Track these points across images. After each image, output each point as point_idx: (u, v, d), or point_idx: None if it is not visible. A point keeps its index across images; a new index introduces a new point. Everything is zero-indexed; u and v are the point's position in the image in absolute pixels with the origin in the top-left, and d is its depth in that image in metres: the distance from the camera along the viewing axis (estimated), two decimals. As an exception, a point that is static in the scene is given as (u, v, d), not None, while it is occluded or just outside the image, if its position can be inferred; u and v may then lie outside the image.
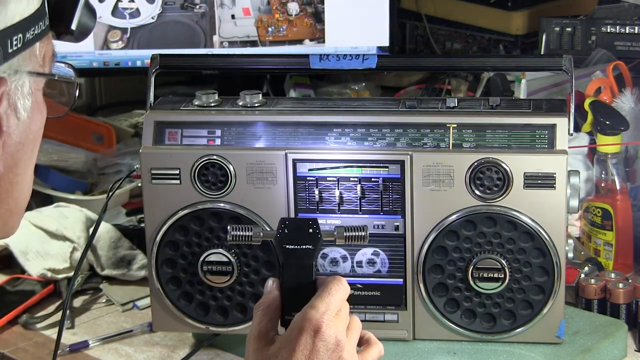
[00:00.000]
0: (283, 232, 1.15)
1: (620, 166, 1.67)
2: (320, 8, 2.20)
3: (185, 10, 2.20)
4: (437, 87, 2.32)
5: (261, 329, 1.13)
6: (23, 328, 1.65)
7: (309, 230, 1.15)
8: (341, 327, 1.11)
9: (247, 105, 1.48)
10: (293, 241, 1.14)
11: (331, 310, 1.10)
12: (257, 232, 1.22)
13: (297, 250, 1.14)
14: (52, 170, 2.07)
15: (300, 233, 1.15)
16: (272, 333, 1.13)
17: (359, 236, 1.22)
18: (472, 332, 1.44)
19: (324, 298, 1.11)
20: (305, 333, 1.08)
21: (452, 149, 1.41)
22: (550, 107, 1.43)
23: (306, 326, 1.09)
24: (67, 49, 2.20)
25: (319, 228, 1.15)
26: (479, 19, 2.34)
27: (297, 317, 1.10)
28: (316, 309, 1.10)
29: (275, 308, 1.14)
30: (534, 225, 1.39)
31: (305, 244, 1.14)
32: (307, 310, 1.10)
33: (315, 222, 1.16)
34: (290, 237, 1.15)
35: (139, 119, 2.31)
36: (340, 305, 1.12)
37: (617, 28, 2.02)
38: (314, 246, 1.14)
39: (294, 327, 1.10)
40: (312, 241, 1.14)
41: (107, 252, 1.76)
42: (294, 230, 1.15)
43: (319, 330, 1.08)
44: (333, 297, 1.11)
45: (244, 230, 1.22)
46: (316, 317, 1.09)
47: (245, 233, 1.22)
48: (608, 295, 1.55)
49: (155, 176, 1.45)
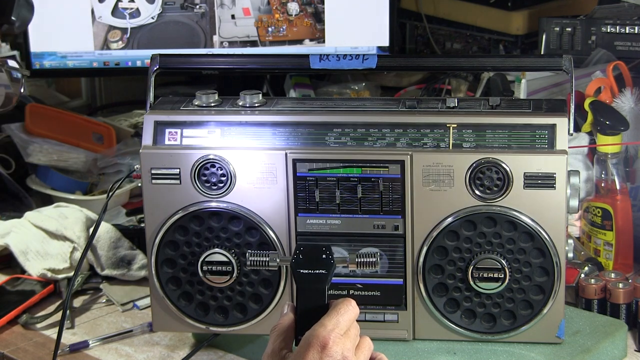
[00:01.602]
0: (298, 257, 1.20)
1: (620, 166, 1.67)
2: (320, 8, 2.20)
3: (185, 10, 2.20)
4: (437, 87, 2.33)
5: (275, 348, 1.17)
6: (23, 328, 1.65)
7: (323, 256, 1.20)
8: (348, 345, 1.15)
9: (247, 105, 1.48)
10: (307, 266, 1.20)
11: (339, 328, 1.14)
12: (273, 257, 1.27)
13: (310, 275, 1.20)
14: (52, 170, 2.07)
15: (314, 258, 1.20)
16: (284, 351, 1.17)
17: (371, 262, 1.27)
18: (472, 332, 1.44)
19: (332, 317, 1.15)
20: (312, 349, 1.12)
21: (452, 149, 1.41)
22: (550, 107, 1.43)
23: (314, 342, 1.13)
24: (67, 49, 2.20)
25: (332, 254, 1.21)
26: (479, 19, 2.34)
27: (306, 334, 1.14)
28: (324, 327, 1.14)
29: (289, 329, 1.19)
30: (534, 225, 1.39)
31: (318, 269, 1.20)
32: (315, 328, 1.14)
33: (328, 248, 1.21)
34: (304, 262, 1.20)
35: (139, 119, 2.31)
36: (348, 325, 1.16)
37: (617, 28, 2.02)
38: (326, 271, 1.20)
39: (303, 343, 1.14)
40: (325, 266, 1.20)
41: (107, 252, 1.76)
42: (308, 256, 1.21)
43: (326, 347, 1.12)
44: (342, 316, 1.16)
45: (262, 255, 1.28)
46: (323, 334, 1.13)
47: (263, 258, 1.27)
48: (608, 295, 1.55)
49: (155, 176, 1.45)
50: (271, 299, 1.47)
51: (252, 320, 1.48)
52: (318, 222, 1.44)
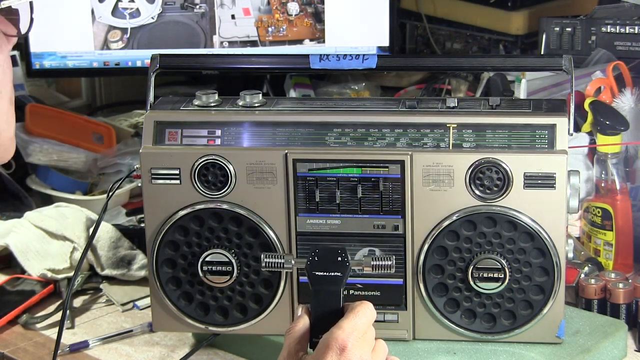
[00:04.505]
0: (313, 259, 1.20)
1: (620, 166, 1.67)
2: (320, 8, 2.20)
3: (185, 10, 2.20)
4: (437, 87, 2.32)
5: (290, 350, 1.17)
6: (23, 328, 1.65)
7: (338, 259, 1.20)
8: (366, 348, 1.15)
9: (247, 105, 1.48)
10: (322, 268, 1.20)
11: (358, 331, 1.14)
12: (288, 259, 1.27)
13: (325, 277, 1.19)
14: (52, 170, 2.07)
15: (329, 261, 1.20)
16: (301, 353, 1.17)
17: (386, 265, 1.26)
18: (472, 332, 1.44)
19: (351, 320, 1.15)
20: (331, 351, 1.12)
21: (452, 149, 1.41)
22: (550, 107, 1.43)
23: (333, 345, 1.12)
24: (67, 49, 2.20)
25: (347, 256, 1.20)
26: (479, 19, 2.34)
27: (324, 337, 1.14)
28: (343, 329, 1.14)
29: (304, 331, 1.18)
30: (534, 225, 1.39)
31: (333, 271, 1.20)
32: (334, 330, 1.14)
33: (344, 250, 1.21)
34: (319, 264, 1.20)
35: (139, 119, 2.31)
36: (366, 329, 1.16)
37: (617, 28, 2.02)
38: (342, 273, 1.19)
39: (321, 346, 1.14)
40: (340, 269, 1.20)
41: (107, 252, 1.76)
42: (323, 258, 1.20)
43: (345, 349, 1.12)
44: (360, 319, 1.15)
45: (277, 257, 1.27)
46: (342, 337, 1.13)
47: (278, 260, 1.27)
48: (608, 295, 1.55)
49: (155, 176, 1.45)
50: (271, 299, 1.47)
51: (252, 321, 1.48)
52: (318, 222, 1.44)
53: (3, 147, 1.17)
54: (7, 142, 1.17)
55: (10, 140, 1.17)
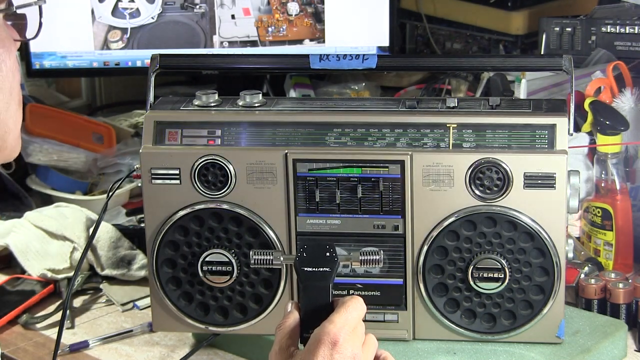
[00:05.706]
0: (302, 255, 1.21)
1: (620, 166, 1.67)
2: (320, 8, 2.20)
3: (185, 10, 2.20)
4: (437, 87, 2.32)
5: (282, 345, 1.17)
6: (23, 328, 1.65)
7: (326, 254, 1.20)
8: (357, 342, 1.15)
9: (247, 105, 1.48)
10: (311, 264, 1.20)
11: (349, 325, 1.14)
12: (277, 255, 1.28)
13: (315, 273, 1.20)
14: (52, 170, 2.07)
15: (318, 256, 1.20)
16: (292, 348, 1.17)
17: (374, 260, 1.27)
18: (472, 332, 1.44)
19: (342, 314, 1.15)
20: (323, 345, 1.12)
21: (452, 149, 1.41)
22: (550, 107, 1.43)
23: (324, 339, 1.12)
24: (67, 49, 2.20)
25: (335, 252, 1.21)
26: (479, 19, 2.34)
27: (316, 331, 1.14)
28: (334, 324, 1.14)
29: (294, 326, 1.19)
30: (534, 225, 1.39)
31: (322, 267, 1.20)
32: (325, 325, 1.14)
33: (332, 246, 1.21)
34: (308, 260, 1.20)
35: (139, 119, 2.31)
36: (357, 323, 1.16)
37: (617, 28, 2.02)
38: (331, 269, 1.20)
39: (313, 340, 1.14)
40: (329, 264, 1.20)
41: (107, 252, 1.76)
42: (312, 254, 1.21)
43: (337, 344, 1.12)
44: (350, 314, 1.16)
45: (265, 254, 1.28)
46: (334, 331, 1.13)
47: (267, 257, 1.28)
48: (608, 295, 1.55)
49: (155, 176, 1.45)
50: (271, 299, 1.47)
51: (252, 320, 1.48)
52: (318, 222, 1.44)
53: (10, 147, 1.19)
54: (14, 142, 1.19)
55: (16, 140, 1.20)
